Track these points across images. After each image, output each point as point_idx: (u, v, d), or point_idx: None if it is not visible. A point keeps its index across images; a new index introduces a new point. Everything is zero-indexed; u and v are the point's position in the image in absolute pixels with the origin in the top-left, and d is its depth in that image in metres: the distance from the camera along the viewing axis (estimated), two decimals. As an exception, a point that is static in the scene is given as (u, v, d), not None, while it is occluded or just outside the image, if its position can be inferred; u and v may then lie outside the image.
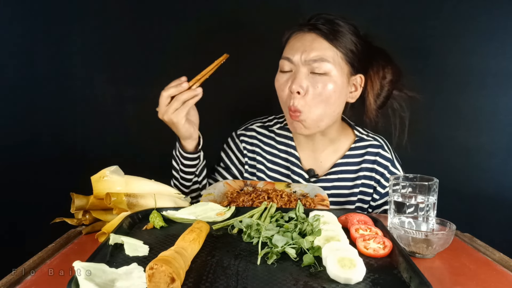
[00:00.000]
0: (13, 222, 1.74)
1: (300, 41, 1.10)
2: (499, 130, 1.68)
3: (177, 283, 0.55)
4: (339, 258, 0.60)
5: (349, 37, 1.09)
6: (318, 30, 1.08)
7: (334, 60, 1.07)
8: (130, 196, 0.88)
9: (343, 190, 1.20)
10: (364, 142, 1.22)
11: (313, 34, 1.09)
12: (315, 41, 1.08)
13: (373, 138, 1.23)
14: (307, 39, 1.09)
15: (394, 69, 1.17)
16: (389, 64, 1.16)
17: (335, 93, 1.08)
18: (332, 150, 1.22)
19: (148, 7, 1.72)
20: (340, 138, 1.22)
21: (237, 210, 0.89)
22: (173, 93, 1.02)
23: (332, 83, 1.07)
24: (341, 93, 1.10)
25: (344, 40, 1.08)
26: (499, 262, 0.78)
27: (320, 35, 1.08)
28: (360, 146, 1.22)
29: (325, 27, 1.08)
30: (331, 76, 1.07)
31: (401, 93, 1.19)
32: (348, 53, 1.09)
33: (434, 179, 0.87)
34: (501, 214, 1.71)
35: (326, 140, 1.20)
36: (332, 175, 1.20)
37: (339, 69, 1.08)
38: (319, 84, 1.07)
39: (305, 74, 1.07)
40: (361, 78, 1.14)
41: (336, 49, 1.08)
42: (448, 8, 1.64)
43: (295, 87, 1.07)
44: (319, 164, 1.22)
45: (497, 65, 1.64)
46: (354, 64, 1.10)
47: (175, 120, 1.03)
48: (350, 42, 1.09)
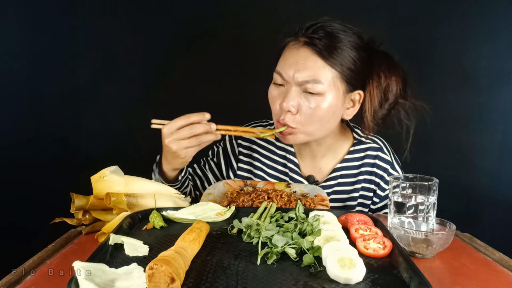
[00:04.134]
0: (13, 222, 1.74)
1: (294, 56, 1.03)
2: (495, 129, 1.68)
3: (177, 283, 0.55)
4: (339, 258, 0.60)
5: (348, 53, 1.02)
6: (313, 45, 1.01)
7: (328, 80, 1.00)
8: (130, 196, 0.88)
9: (343, 194, 1.18)
10: (363, 145, 1.19)
11: (308, 50, 1.01)
12: (308, 59, 1.01)
13: (372, 140, 1.20)
14: (301, 55, 1.02)
15: (399, 79, 1.09)
16: (393, 73, 1.08)
17: (328, 113, 1.03)
18: (331, 155, 1.19)
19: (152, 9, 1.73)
20: (339, 142, 1.19)
21: (237, 210, 0.89)
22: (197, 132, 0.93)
23: (326, 103, 1.01)
24: (335, 113, 1.06)
25: (341, 58, 1.01)
26: (499, 262, 0.78)
27: (315, 52, 1.01)
28: (358, 150, 1.19)
29: (322, 42, 1.00)
30: (324, 96, 1.01)
31: (407, 102, 1.12)
32: (345, 72, 1.02)
33: (434, 179, 0.87)
34: (501, 214, 1.71)
35: (323, 147, 1.17)
36: (331, 180, 1.18)
37: (335, 89, 1.02)
38: (312, 103, 1.01)
39: (297, 92, 1.02)
40: (359, 94, 1.08)
41: (331, 68, 1.00)
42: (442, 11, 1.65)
43: (285, 105, 1.01)
44: (318, 170, 1.20)
45: (490, 65, 1.65)
46: (351, 82, 1.04)
47: (183, 156, 0.96)
48: (349, 59, 1.02)
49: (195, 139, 0.94)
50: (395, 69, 1.09)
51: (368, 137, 1.20)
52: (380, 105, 1.09)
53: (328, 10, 1.11)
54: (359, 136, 1.20)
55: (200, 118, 0.94)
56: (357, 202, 1.18)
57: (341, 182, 1.18)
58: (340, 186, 1.18)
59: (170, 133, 0.94)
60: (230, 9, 1.71)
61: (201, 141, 0.95)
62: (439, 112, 1.67)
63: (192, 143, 0.94)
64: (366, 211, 1.19)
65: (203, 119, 0.94)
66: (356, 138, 1.20)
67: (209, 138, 0.95)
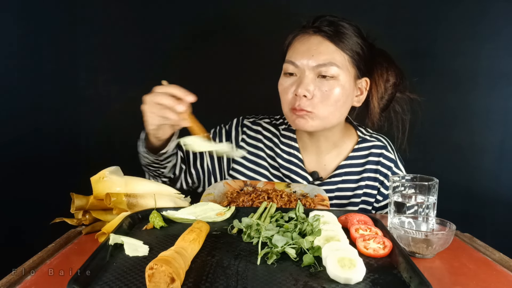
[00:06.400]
0: (13, 222, 1.74)
1: (306, 44, 1.07)
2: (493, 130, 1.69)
3: (177, 283, 0.55)
4: (339, 258, 0.60)
5: (355, 39, 1.07)
6: (324, 32, 1.06)
7: (342, 63, 1.05)
8: (130, 196, 0.88)
9: (347, 192, 1.18)
10: (367, 143, 1.20)
11: (319, 36, 1.06)
12: (321, 44, 1.05)
13: (376, 138, 1.21)
14: (313, 42, 1.06)
15: (397, 71, 1.15)
16: (391, 66, 1.15)
17: (342, 97, 1.06)
18: (335, 152, 1.20)
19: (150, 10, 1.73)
20: (343, 139, 1.21)
21: (237, 210, 0.89)
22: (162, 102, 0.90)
23: (340, 87, 1.05)
24: (348, 97, 1.09)
25: (350, 43, 1.06)
26: (499, 262, 0.78)
27: (326, 38, 1.06)
28: (363, 147, 1.20)
29: (330, 29, 1.06)
30: (338, 80, 1.05)
31: (403, 95, 1.18)
32: (354, 56, 1.07)
33: (434, 179, 0.87)
34: (501, 214, 1.71)
35: (329, 143, 1.19)
36: (336, 177, 1.18)
37: (347, 73, 1.06)
38: (326, 87, 1.05)
39: (312, 78, 1.05)
40: (366, 81, 1.12)
41: (343, 52, 1.05)
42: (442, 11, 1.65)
43: (301, 91, 1.04)
44: (322, 167, 1.20)
45: (490, 66, 1.65)
46: (360, 67, 1.09)
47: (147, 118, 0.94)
48: (356, 44, 1.07)
49: (159, 108, 0.90)
50: (393, 63, 1.15)
51: (373, 135, 1.23)
52: (383, 94, 1.14)
53: (328, 10, 1.12)
54: (363, 135, 1.22)
55: (181, 94, 0.90)
56: (361, 200, 1.18)
57: (346, 179, 1.18)
58: (345, 184, 1.18)
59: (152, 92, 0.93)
60: (231, 9, 1.71)
61: (163, 114, 0.91)
62: (439, 112, 1.67)
63: (154, 110, 0.91)
64: (369, 209, 1.20)
65: (183, 96, 0.90)
66: (360, 136, 1.22)
67: (170, 115, 0.90)
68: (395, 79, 1.14)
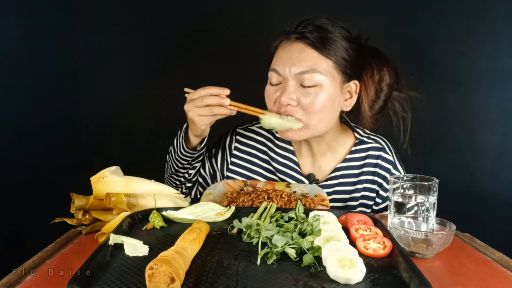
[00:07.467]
0: (13, 222, 1.74)
1: (288, 52, 1.05)
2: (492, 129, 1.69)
3: (177, 283, 0.55)
4: (339, 258, 0.60)
5: (340, 43, 1.04)
6: (306, 39, 1.03)
7: (326, 70, 1.03)
8: (130, 197, 0.88)
9: (344, 194, 1.17)
10: (364, 145, 1.18)
11: (301, 43, 1.04)
12: (303, 51, 1.03)
13: (374, 140, 1.19)
14: (295, 49, 1.04)
15: (391, 70, 1.12)
16: (384, 65, 1.11)
17: (328, 103, 1.04)
18: (331, 154, 1.18)
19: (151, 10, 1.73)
20: (339, 141, 1.18)
21: (237, 210, 0.89)
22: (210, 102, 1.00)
23: (325, 93, 1.03)
24: (334, 103, 1.07)
25: (334, 48, 1.04)
26: (499, 262, 0.78)
27: (308, 45, 1.03)
28: (360, 149, 1.18)
29: (313, 35, 1.03)
30: (322, 86, 1.03)
31: (401, 93, 1.15)
32: (339, 61, 1.04)
33: (434, 179, 0.87)
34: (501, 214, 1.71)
35: (322, 146, 1.17)
36: (332, 180, 1.17)
37: (331, 79, 1.04)
38: (311, 95, 1.03)
39: (295, 86, 1.03)
40: (355, 84, 1.10)
41: (326, 58, 1.03)
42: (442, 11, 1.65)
43: (284, 100, 1.03)
44: (318, 169, 1.19)
45: (490, 66, 1.65)
46: (346, 71, 1.06)
47: (196, 122, 1.02)
48: (341, 48, 1.04)
49: (208, 109, 1.00)
50: (385, 61, 1.12)
51: (370, 137, 1.20)
52: (376, 96, 1.11)
53: (327, 10, 1.12)
54: (360, 136, 1.20)
55: (219, 91, 1.01)
56: (359, 203, 1.17)
57: (342, 182, 1.17)
58: (341, 186, 1.17)
59: (190, 100, 1.02)
60: (229, 9, 1.71)
61: (213, 112, 1.01)
62: (439, 112, 1.67)
63: (205, 112, 1.01)
64: (368, 211, 1.18)
65: (221, 93, 1.01)
66: (357, 138, 1.19)
67: (221, 111, 1.01)
68: (389, 79, 1.11)
